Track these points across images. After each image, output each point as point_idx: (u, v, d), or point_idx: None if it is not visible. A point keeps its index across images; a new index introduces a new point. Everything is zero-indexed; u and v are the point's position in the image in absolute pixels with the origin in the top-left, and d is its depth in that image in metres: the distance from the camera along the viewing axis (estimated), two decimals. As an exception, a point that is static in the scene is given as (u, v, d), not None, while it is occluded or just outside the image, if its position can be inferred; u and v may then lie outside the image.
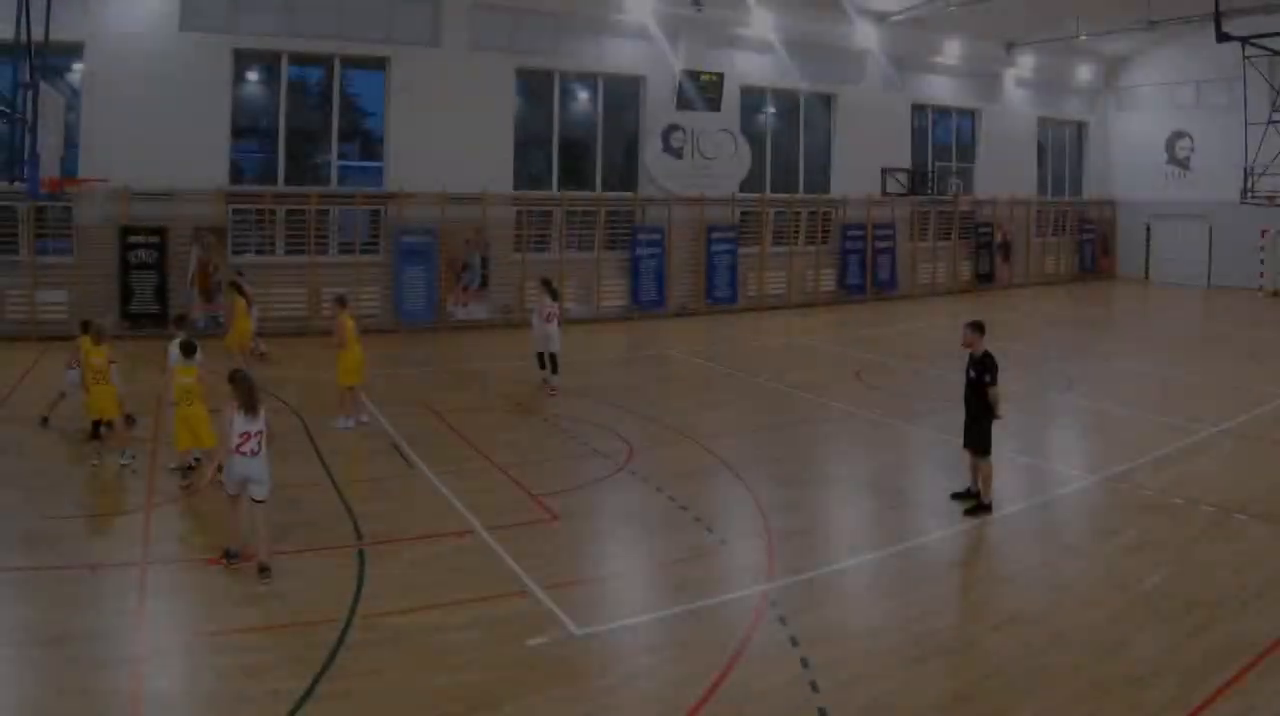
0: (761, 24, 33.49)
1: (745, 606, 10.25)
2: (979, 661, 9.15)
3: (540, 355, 20.58)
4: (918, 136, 40.52)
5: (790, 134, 37.27)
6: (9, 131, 18.70)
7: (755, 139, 35.59)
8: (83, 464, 14.67)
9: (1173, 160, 44.55)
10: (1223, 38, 30.27)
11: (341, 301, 18.09)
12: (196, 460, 14.21)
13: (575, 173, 32.58)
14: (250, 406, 10.88)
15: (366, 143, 30.33)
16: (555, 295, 21.34)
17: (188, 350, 13.82)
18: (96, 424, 14.88)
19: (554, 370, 20.49)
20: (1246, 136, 35.99)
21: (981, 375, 13.09)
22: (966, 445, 13.45)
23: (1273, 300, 38.53)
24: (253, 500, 10.92)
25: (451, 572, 10.98)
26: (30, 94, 18.37)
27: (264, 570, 10.63)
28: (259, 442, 10.82)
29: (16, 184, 19.30)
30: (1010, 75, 43.05)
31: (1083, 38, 39.46)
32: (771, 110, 36.73)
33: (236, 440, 10.73)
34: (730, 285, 34.25)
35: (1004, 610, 10.29)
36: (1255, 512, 13.26)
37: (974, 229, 41.75)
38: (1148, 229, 45.80)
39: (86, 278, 25.08)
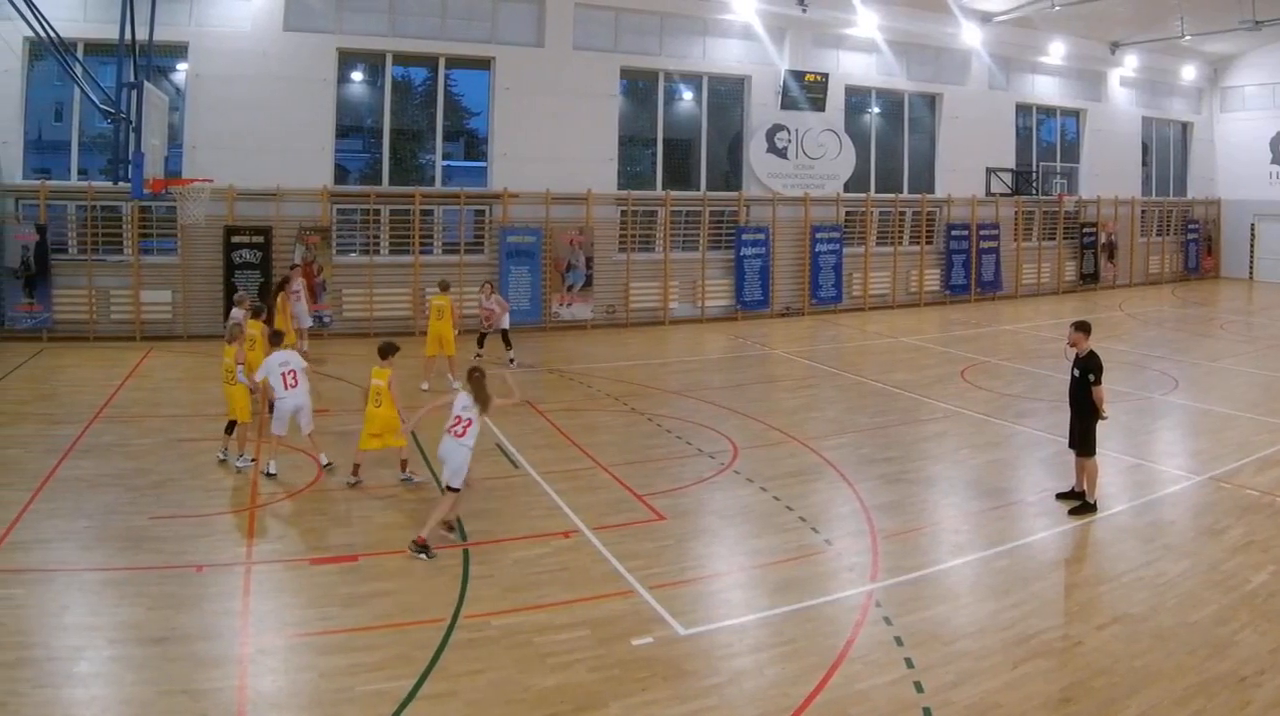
0: (867, 24, 33.44)
1: (851, 606, 10.26)
2: (1084, 661, 9.08)
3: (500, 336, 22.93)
4: (1022, 136, 39.96)
5: (895, 134, 36.97)
6: (113, 132, 19.09)
7: (860, 139, 35.40)
8: (183, 463, 14.87)
9: (1278, 160, 43.70)
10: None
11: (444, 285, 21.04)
12: (328, 464, 14.54)
13: (679, 172, 32.66)
14: (480, 400, 11.67)
15: (471, 142, 30.65)
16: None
17: (385, 352, 13.96)
18: (231, 423, 14.76)
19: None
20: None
21: (1086, 375, 13.06)
22: (1072, 445, 13.43)
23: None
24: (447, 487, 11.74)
25: (556, 573, 11.07)
26: (134, 94, 18.79)
27: (423, 547, 11.38)
28: (464, 428, 11.54)
29: (120, 184, 19.64)
30: (1115, 75, 42.40)
31: (1187, 38, 38.67)
32: (876, 110, 36.46)
33: (451, 420, 11.67)
34: (835, 285, 34.08)
35: (1109, 610, 10.20)
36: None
37: (1078, 229, 41.09)
38: (1252, 229, 45.20)
39: (191, 277, 25.63)
